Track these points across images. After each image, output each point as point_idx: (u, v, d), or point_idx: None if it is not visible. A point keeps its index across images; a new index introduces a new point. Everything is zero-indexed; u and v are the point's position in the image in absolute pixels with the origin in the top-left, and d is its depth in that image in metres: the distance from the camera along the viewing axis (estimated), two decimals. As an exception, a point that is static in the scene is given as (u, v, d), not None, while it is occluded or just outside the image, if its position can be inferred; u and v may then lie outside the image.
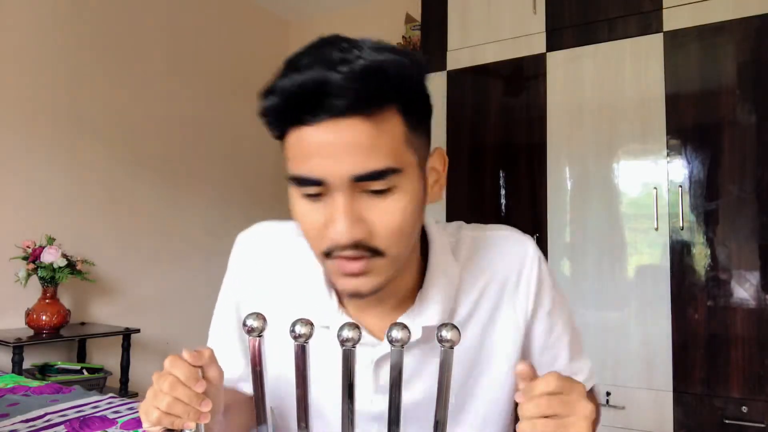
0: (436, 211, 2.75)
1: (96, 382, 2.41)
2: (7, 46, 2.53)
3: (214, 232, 3.52)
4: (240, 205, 3.73)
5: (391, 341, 0.58)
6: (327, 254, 0.66)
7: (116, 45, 2.98)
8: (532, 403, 0.60)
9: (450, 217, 2.70)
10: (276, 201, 4.01)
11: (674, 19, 2.25)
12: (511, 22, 2.62)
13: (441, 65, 2.80)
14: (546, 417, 0.59)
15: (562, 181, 2.44)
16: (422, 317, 0.74)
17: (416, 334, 0.72)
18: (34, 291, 2.45)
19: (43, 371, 2.34)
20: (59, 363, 2.44)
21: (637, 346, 2.22)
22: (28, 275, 2.32)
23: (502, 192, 2.57)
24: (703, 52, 2.20)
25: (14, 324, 2.46)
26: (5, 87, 2.52)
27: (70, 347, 2.67)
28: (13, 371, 2.15)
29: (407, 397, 0.68)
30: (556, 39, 2.50)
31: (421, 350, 0.75)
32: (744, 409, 2.02)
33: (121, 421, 1.27)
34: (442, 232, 0.80)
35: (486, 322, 0.79)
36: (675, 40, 2.24)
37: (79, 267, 2.43)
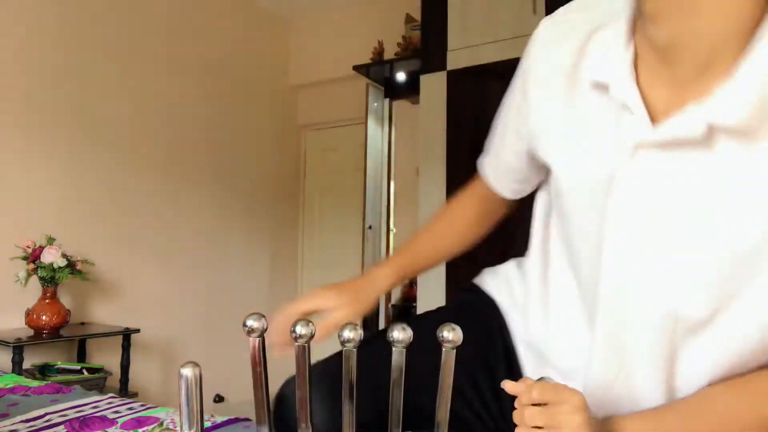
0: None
1: (96, 382, 2.41)
2: (7, 47, 2.53)
3: (214, 232, 3.52)
4: (240, 205, 3.73)
5: (392, 342, 0.58)
6: None
7: (116, 45, 2.98)
8: (518, 412, 0.61)
9: (450, 217, 2.71)
10: (276, 201, 4.01)
11: (674, 19, 2.25)
12: (511, 22, 2.62)
13: (441, 65, 2.80)
14: (531, 427, 0.59)
15: (562, 181, 2.44)
16: (716, 105, 0.56)
17: (695, 129, 0.57)
18: (34, 291, 2.45)
19: (43, 371, 2.34)
20: (59, 363, 2.44)
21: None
22: (28, 275, 2.32)
23: (502, 192, 2.57)
24: (703, 52, 2.19)
25: (14, 324, 2.45)
26: (5, 87, 2.52)
27: (70, 347, 2.67)
28: (13, 371, 2.14)
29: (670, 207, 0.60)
30: (556, 39, 2.50)
31: (700, 152, 0.58)
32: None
33: (121, 421, 1.27)
34: None
35: None
36: (675, 40, 2.24)
37: (79, 267, 2.43)
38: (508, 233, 2.65)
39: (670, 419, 0.64)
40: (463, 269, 2.76)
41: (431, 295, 2.72)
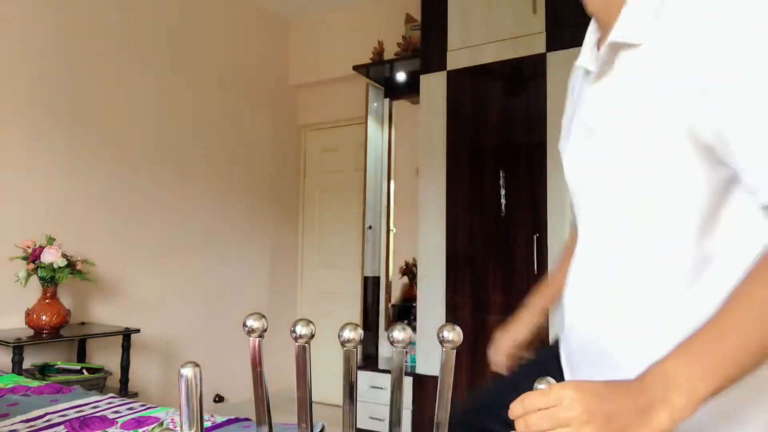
0: (437, 212, 2.75)
1: (96, 382, 2.41)
2: (7, 46, 2.53)
3: (214, 232, 3.52)
4: (240, 205, 3.73)
5: (392, 342, 0.58)
6: None
7: (116, 45, 2.98)
8: (519, 422, 0.60)
9: (450, 218, 2.70)
10: (275, 201, 4.01)
11: (674, 19, 2.25)
12: (511, 22, 2.62)
13: (441, 65, 2.80)
14: None
15: (562, 181, 2.43)
16: (613, 32, 0.75)
17: (603, 51, 0.77)
18: (34, 291, 2.45)
19: (43, 371, 2.34)
20: (59, 363, 2.44)
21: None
22: (28, 275, 2.32)
23: (502, 192, 2.57)
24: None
25: (14, 324, 2.46)
26: (7, 88, 2.52)
27: (70, 347, 2.67)
28: (13, 371, 2.15)
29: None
30: (556, 39, 2.50)
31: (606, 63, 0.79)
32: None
33: (121, 421, 1.27)
34: None
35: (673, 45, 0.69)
36: (675, 40, 2.24)
37: (79, 267, 2.43)
38: (509, 234, 2.65)
39: (706, 333, 0.62)
40: (462, 269, 2.78)
41: (431, 295, 2.72)
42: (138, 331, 2.67)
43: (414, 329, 2.95)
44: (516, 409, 0.61)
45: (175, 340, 3.23)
